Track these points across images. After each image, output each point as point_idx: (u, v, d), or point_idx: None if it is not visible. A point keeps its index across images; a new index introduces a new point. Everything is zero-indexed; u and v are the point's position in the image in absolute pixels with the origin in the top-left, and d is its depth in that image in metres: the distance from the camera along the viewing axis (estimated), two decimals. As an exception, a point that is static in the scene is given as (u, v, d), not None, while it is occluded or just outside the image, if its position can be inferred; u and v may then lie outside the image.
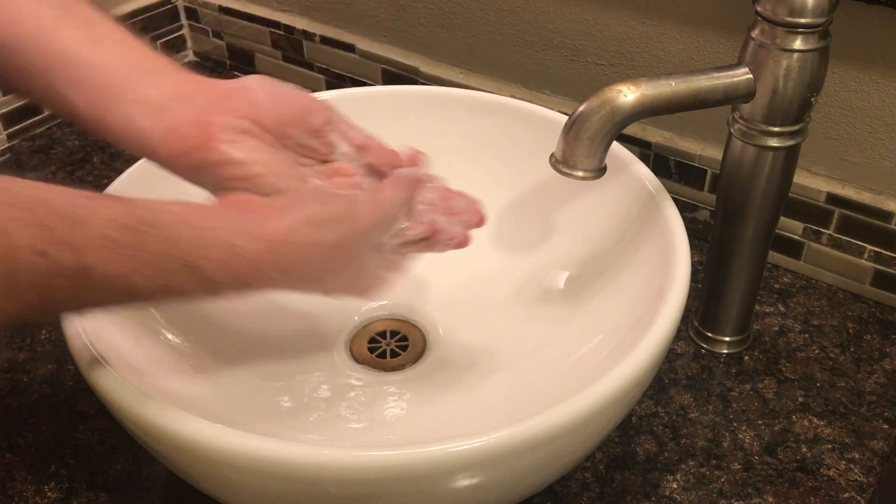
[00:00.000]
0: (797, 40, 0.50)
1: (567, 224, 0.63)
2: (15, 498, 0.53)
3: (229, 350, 0.57)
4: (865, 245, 0.66)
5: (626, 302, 0.55)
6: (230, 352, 0.57)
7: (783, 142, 0.54)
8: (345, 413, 0.55)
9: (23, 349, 0.63)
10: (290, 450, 0.40)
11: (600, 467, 0.55)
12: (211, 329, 0.57)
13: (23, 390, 0.60)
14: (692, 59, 0.68)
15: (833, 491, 0.54)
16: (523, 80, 0.78)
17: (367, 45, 0.85)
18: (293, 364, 0.58)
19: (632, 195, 0.58)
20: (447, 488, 0.43)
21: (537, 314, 0.61)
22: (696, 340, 0.64)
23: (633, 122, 0.50)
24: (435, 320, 0.62)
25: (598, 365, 0.51)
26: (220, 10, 0.93)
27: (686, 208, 0.73)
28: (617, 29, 0.71)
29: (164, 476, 0.55)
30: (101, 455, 0.56)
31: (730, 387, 0.61)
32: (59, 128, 0.88)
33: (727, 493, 0.54)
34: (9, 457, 0.56)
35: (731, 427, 0.58)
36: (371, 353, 0.60)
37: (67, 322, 0.47)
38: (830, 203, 0.66)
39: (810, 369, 0.62)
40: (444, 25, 0.80)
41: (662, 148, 0.72)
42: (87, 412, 0.59)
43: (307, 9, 0.88)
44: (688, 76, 0.51)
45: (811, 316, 0.66)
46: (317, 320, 0.61)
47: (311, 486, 0.41)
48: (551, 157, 0.52)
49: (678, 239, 0.53)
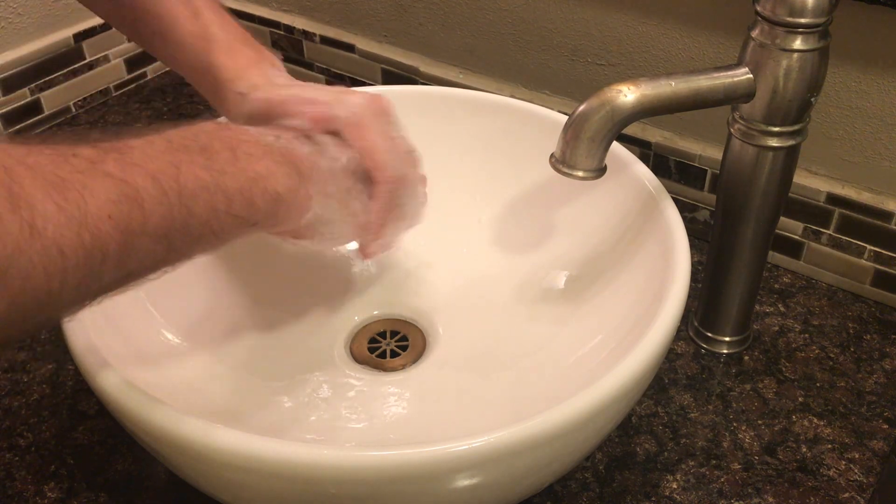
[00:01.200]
0: (797, 40, 0.50)
1: (567, 224, 0.63)
2: (15, 498, 0.53)
3: (229, 350, 0.57)
4: (865, 245, 0.66)
5: (626, 302, 0.55)
6: (230, 351, 0.57)
7: (783, 142, 0.54)
8: (345, 413, 0.55)
9: (23, 349, 0.63)
10: (290, 450, 0.40)
11: (600, 467, 0.55)
12: (211, 329, 0.57)
13: (23, 390, 0.60)
14: (692, 59, 0.69)
15: (833, 491, 0.54)
16: (523, 80, 0.78)
17: (367, 45, 0.85)
18: (293, 364, 0.58)
19: (632, 195, 0.58)
20: (447, 488, 0.43)
21: (537, 314, 0.61)
22: (696, 340, 0.64)
23: (633, 122, 0.50)
24: (435, 320, 0.62)
25: (598, 365, 0.51)
26: (220, 10, 0.93)
27: (686, 208, 0.73)
28: (617, 29, 0.71)
29: (164, 476, 0.55)
30: (101, 455, 0.56)
31: (730, 387, 0.61)
32: (59, 128, 0.88)
33: (727, 493, 0.54)
34: (9, 457, 0.56)
35: (731, 427, 0.58)
36: (371, 353, 0.60)
37: (67, 322, 0.47)
38: (830, 203, 0.66)
39: (810, 369, 0.62)
40: (444, 25, 0.80)
41: (662, 148, 0.72)
42: (87, 412, 0.59)
43: (307, 9, 0.88)
44: (688, 76, 0.51)
45: (811, 316, 0.66)
46: (317, 320, 0.61)
47: (311, 486, 0.41)
48: (551, 157, 0.52)
49: (678, 239, 0.53)
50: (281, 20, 0.89)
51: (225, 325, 0.58)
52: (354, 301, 0.63)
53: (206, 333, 0.57)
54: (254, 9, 0.91)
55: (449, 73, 0.81)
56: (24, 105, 0.85)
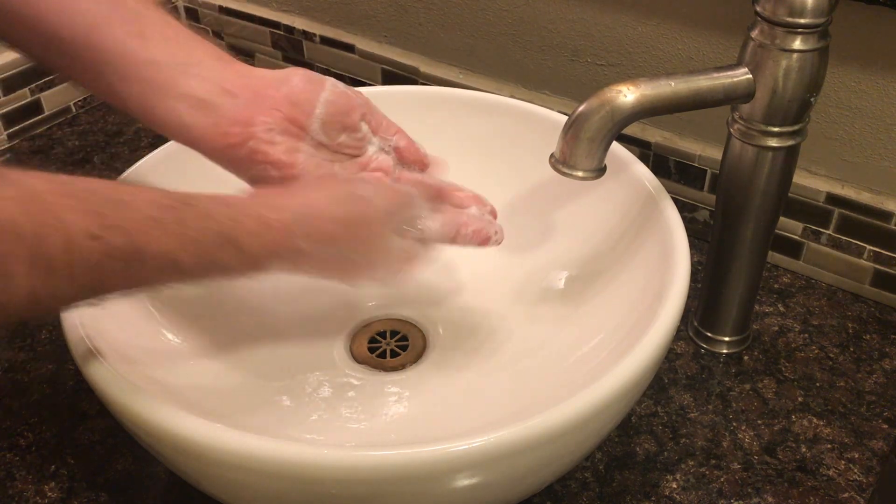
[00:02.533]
0: (797, 40, 0.50)
1: (567, 224, 0.63)
2: (15, 498, 0.53)
3: (229, 350, 0.57)
4: (865, 245, 0.66)
5: (626, 302, 0.55)
6: (230, 351, 0.57)
7: (783, 142, 0.54)
8: (345, 413, 0.55)
9: (23, 349, 0.63)
10: (290, 450, 0.40)
11: (600, 467, 0.55)
12: (211, 329, 0.57)
13: (23, 390, 0.60)
14: (692, 59, 0.69)
15: (833, 491, 0.54)
16: (523, 80, 0.78)
17: (367, 45, 0.85)
18: (293, 364, 0.58)
19: (632, 195, 0.58)
20: (447, 488, 0.43)
21: (537, 314, 0.61)
22: (695, 340, 0.64)
23: (632, 123, 0.50)
24: (435, 320, 0.62)
25: (598, 365, 0.51)
26: (220, 11, 0.93)
27: (686, 208, 0.73)
28: (617, 29, 0.71)
29: (164, 476, 0.55)
30: (101, 455, 0.56)
31: (729, 387, 0.61)
32: (60, 128, 0.88)
33: (727, 492, 0.54)
34: (9, 457, 0.56)
35: (731, 427, 0.58)
36: (371, 352, 0.60)
37: (67, 322, 0.47)
38: (830, 203, 0.66)
39: (810, 369, 0.62)
40: (444, 25, 0.80)
41: (662, 148, 0.72)
42: (87, 412, 0.59)
43: (307, 9, 0.88)
44: (688, 76, 0.51)
45: (811, 316, 0.66)
46: (317, 320, 0.61)
47: (311, 486, 0.41)
48: (551, 157, 0.52)
49: (678, 239, 0.53)
50: (281, 20, 0.89)
51: (225, 325, 0.58)
52: (354, 301, 0.63)
53: (206, 333, 0.57)
54: (254, 9, 0.91)
55: (449, 73, 0.81)
56: (25, 105, 0.85)
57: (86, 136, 0.87)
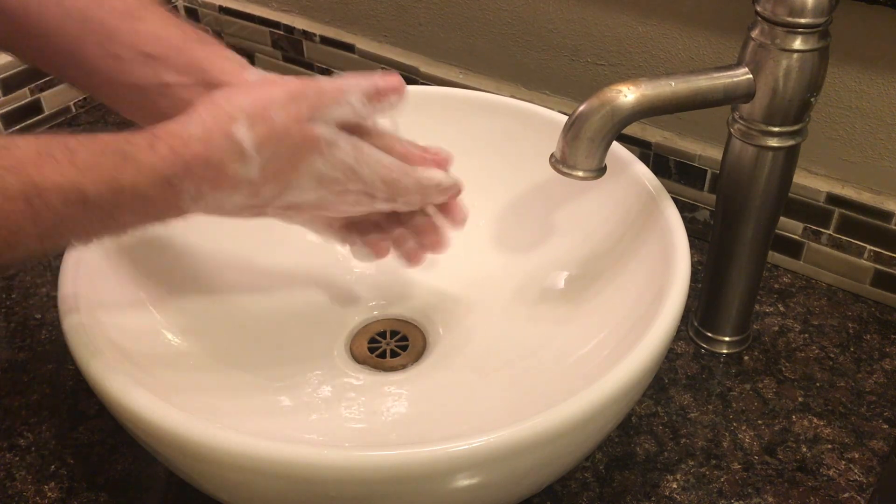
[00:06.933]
0: (797, 40, 0.50)
1: (567, 224, 0.63)
2: (15, 498, 0.53)
3: (229, 350, 0.57)
4: (865, 245, 0.66)
5: (626, 302, 0.55)
6: (230, 352, 0.57)
7: (783, 142, 0.54)
8: (345, 413, 0.55)
9: (23, 349, 0.63)
10: (290, 450, 0.40)
11: (600, 467, 0.55)
12: (211, 329, 0.57)
13: (23, 390, 0.60)
14: (692, 59, 0.69)
15: (833, 491, 0.54)
16: (523, 80, 0.78)
17: (367, 45, 0.85)
18: (293, 364, 0.58)
19: (632, 195, 0.58)
20: (447, 488, 0.43)
21: (537, 314, 0.61)
22: (695, 340, 0.64)
23: (632, 122, 0.50)
24: (435, 320, 0.62)
25: (598, 365, 0.51)
26: (220, 10, 0.93)
27: (686, 208, 0.73)
28: (617, 29, 0.71)
29: (164, 476, 0.55)
30: (101, 455, 0.56)
31: (730, 387, 0.61)
32: (59, 128, 0.88)
33: (727, 493, 0.54)
34: (9, 457, 0.56)
35: (731, 427, 0.58)
36: (371, 353, 0.60)
37: (67, 321, 0.47)
38: (830, 203, 0.66)
39: (810, 369, 0.62)
40: (444, 25, 0.80)
41: (662, 148, 0.72)
42: (87, 412, 0.59)
43: (307, 9, 0.88)
44: (688, 76, 0.51)
45: (811, 316, 0.66)
46: (317, 320, 0.61)
47: (311, 486, 0.41)
48: (551, 157, 0.52)
49: (678, 239, 0.53)
50: (281, 20, 0.89)
51: (225, 326, 0.58)
52: (354, 301, 0.63)
53: (206, 333, 0.57)
54: (254, 9, 0.91)
55: (449, 73, 0.81)
56: (24, 105, 0.85)
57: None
